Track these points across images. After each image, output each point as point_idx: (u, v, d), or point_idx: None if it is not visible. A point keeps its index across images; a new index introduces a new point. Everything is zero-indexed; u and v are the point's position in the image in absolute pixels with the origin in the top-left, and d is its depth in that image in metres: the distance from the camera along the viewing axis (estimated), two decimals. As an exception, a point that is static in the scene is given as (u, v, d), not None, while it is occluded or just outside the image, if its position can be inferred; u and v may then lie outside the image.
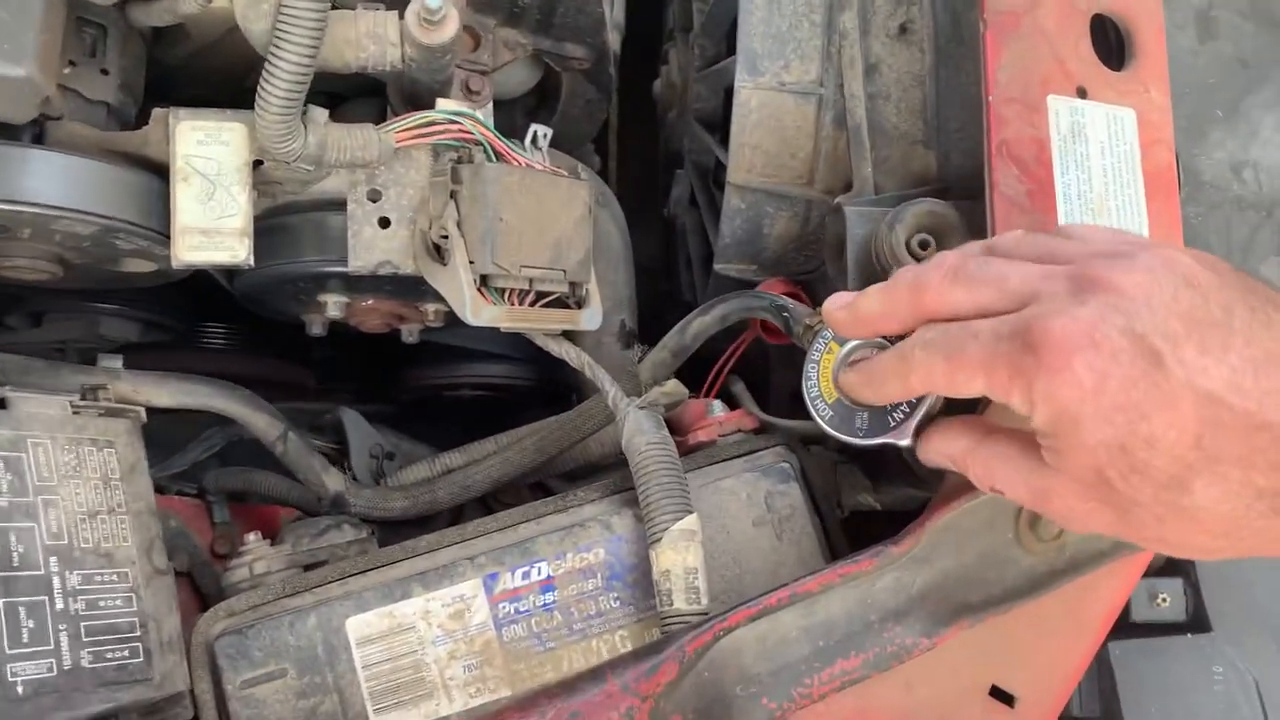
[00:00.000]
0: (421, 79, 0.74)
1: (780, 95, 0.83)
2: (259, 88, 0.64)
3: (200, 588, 0.82)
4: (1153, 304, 0.47)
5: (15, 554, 0.58)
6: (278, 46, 0.63)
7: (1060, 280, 0.50)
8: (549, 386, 1.11)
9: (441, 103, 0.74)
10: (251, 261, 0.68)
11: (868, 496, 0.80)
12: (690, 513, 0.67)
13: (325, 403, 1.08)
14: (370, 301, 0.81)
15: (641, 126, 1.28)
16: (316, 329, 0.86)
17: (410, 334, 0.88)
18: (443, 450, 0.90)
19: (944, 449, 0.58)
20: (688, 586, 0.65)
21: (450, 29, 0.69)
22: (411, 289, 0.78)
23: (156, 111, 0.68)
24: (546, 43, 0.87)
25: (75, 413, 0.66)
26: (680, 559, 0.66)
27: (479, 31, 0.82)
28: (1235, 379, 0.46)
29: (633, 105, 1.27)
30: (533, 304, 0.74)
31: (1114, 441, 0.47)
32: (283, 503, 0.87)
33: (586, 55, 0.89)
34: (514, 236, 0.71)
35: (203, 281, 0.84)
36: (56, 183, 0.64)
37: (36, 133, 0.66)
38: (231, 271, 0.81)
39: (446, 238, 0.71)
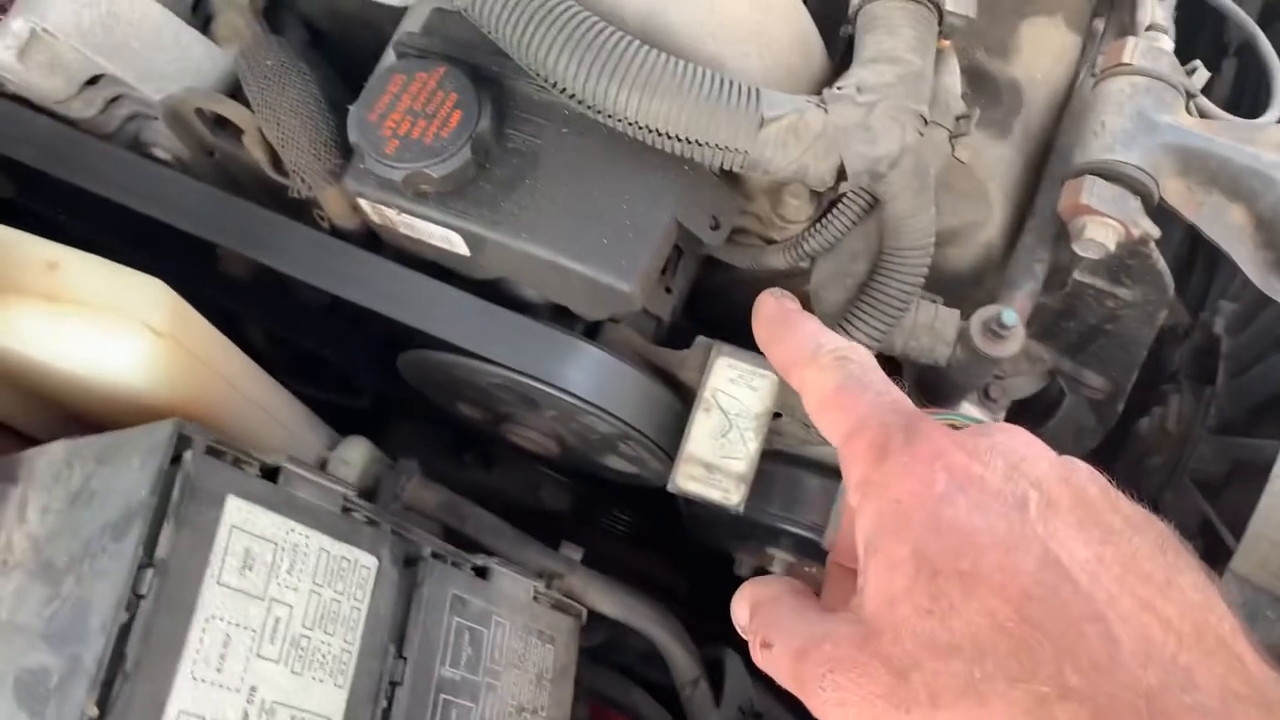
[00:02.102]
0: (952, 378, 0.71)
1: (1324, 502, 0.73)
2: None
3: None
4: (1048, 466, 0.42)
5: (451, 731, 0.58)
6: (853, 324, 0.63)
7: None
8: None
9: (966, 406, 0.71)
10: (742, 509, 0.67)
11: None
12: None
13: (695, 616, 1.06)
14: (813, 570, 0.78)
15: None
16: (744, 570, 0.84)
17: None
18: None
19: (748, 597, 0.50)
20: None
21: (1014, 345, 0.66)
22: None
23: (701, 340, 0.69)
24: (1068, 364, 0.83)
25: (535, 599, 0.66)
26: None
27: (1011, 340, 0.80)
28: (1095, 565, 0.38)
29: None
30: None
31: (929, 561, 0.40)
32: (645, 724, 0.84)
33: (1103, 387, 0.84)
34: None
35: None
36: (598, 380, 0.66)
37: (591, 326, 0.69)
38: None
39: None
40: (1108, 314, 0.76)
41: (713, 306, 0.81)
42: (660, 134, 0.57)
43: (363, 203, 0.63)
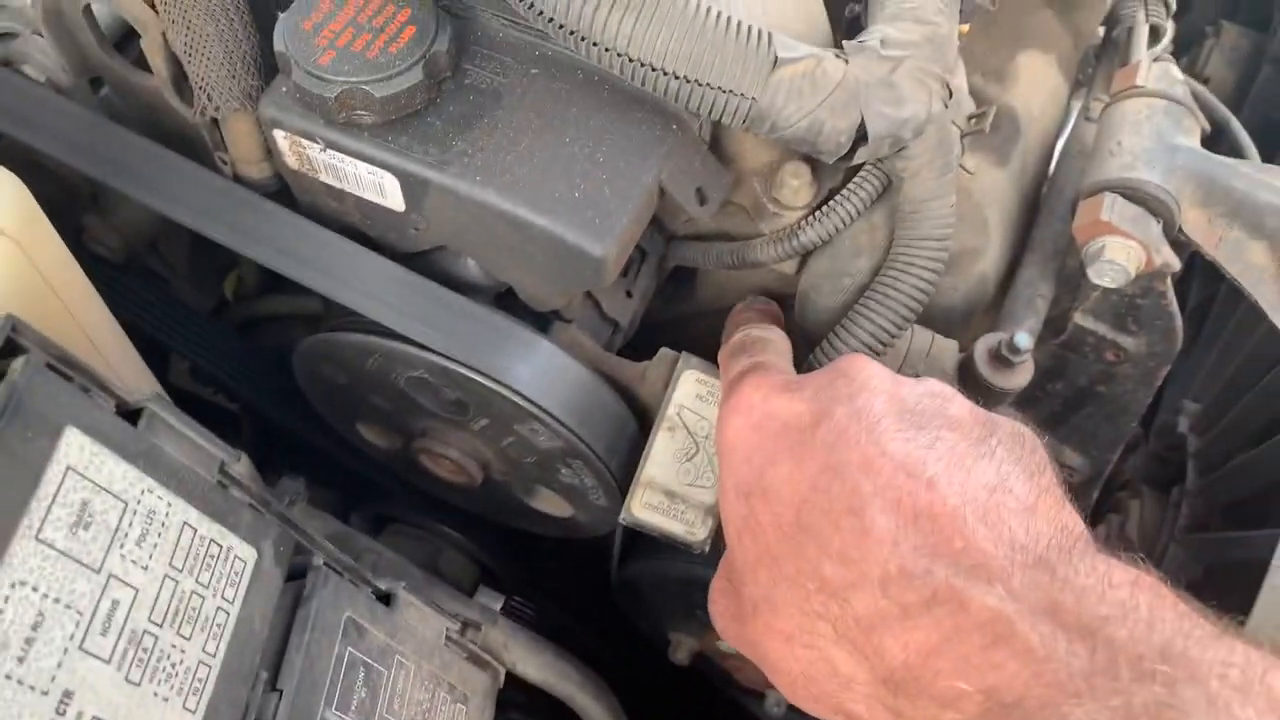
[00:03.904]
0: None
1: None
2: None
3: None
4: (856, 385, 0.43)
5: (331, 796, 0.43)
6: (856, 326, 0.54)
7: None
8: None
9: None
10: (706, 548, 0.55)
11: None
12: None
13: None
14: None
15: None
16: (680, 655, 0.71)
17: (778, 705, 0.72)
18: None
19: None
20: None
21: (1025, 376, 0.57)
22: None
23: (665, 352, 0.59)
24: (1045, 439, 0.75)
25: (448, 643, 0.53)
26: None
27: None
28: (877, 462, 0.40)
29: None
30: None
31: (743, 487, 0.44)
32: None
33: (1082, 469, 0.77)
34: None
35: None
36: (549, 381, 0.54)
37: (540, 326, 0.58)
38: (625, 553, 0.69)
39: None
40: (1103, 371, 0.69)
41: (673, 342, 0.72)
42: (655, 70, 0.48)
43: (279, 137, 0.52)
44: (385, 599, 0.50)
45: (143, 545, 0.39)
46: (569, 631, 0.72)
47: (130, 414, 0.40)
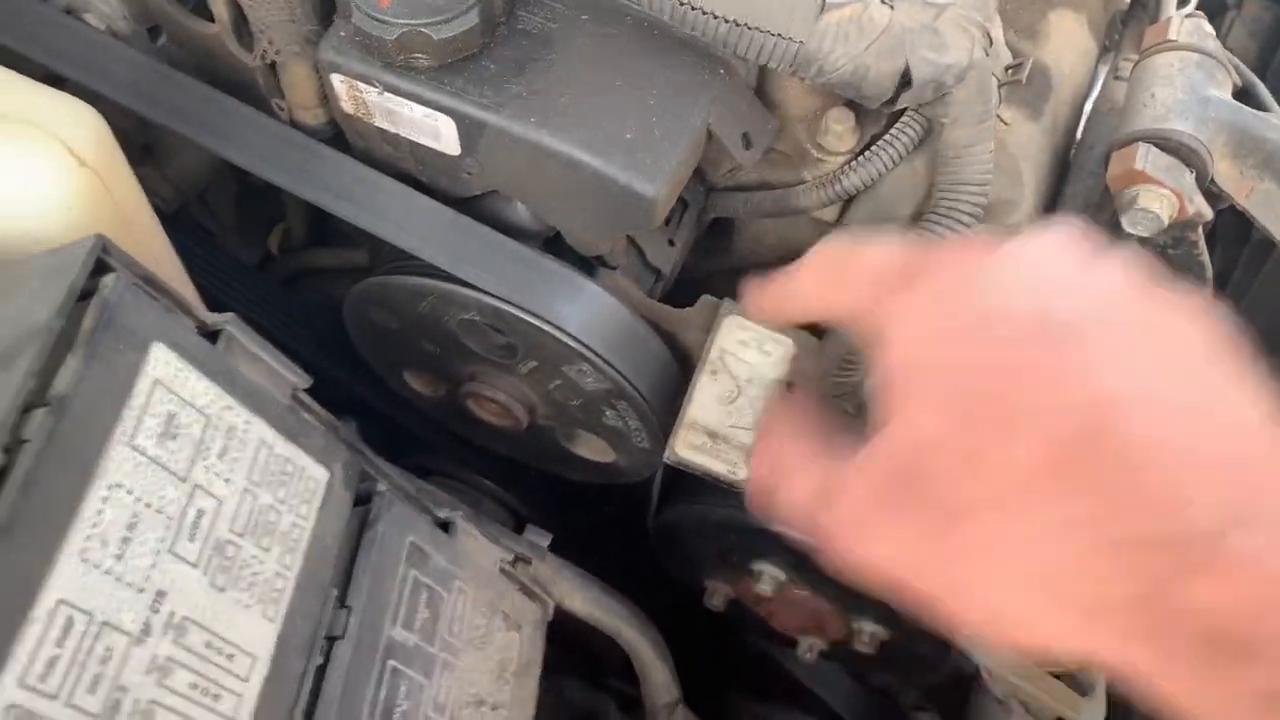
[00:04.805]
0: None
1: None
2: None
3: None
4: (1093, 288, 0.35)
5: (398, 710, 0.45)
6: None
7: None
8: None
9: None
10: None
11: None
12: None
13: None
14: (809, 593, 0.68)
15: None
16: (716, 601, 0.73)
17: (810, 650, 0.73)
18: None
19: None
20: None
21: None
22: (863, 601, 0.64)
23: (707, 298, 0.60)
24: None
25: (503, 571, 0.54)
26: None
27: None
28: (1150, 394, 0.32)
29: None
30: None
31: (956, 408, 0.34)
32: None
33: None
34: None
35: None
36: (597, 323, 0.56)
37: (585, 272, 0.59)
38: (663, 498, 0.71)
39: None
40: (1133, 323, 0.70)
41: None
42: (705, 14, 0.50)
43: (337, 82, 0.54)
44: (445, 526, 0.52)
45: (224, 459, 0.40)
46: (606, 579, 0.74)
47: (209, 335, 0.42)
